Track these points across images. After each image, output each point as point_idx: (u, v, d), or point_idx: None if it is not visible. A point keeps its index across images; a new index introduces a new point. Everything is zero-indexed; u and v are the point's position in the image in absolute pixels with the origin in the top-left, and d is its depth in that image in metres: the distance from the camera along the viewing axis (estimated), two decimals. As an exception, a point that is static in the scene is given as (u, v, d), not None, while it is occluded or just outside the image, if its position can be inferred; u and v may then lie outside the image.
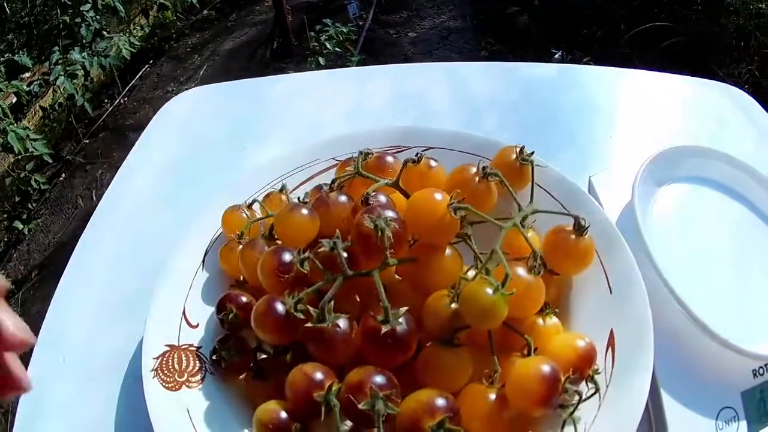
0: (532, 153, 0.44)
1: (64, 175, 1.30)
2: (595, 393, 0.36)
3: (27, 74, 1.30)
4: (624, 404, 0.35)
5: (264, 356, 0.40)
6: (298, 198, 0.43)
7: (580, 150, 0.54)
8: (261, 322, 0.37)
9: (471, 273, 0.38)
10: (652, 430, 0.40)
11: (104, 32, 1.39)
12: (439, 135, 0.47)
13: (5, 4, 1.36)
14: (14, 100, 1.23)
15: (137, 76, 1.69)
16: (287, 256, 0.38)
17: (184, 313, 0.43)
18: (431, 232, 0.38)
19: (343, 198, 0.41)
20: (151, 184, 0.59)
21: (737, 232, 0.47)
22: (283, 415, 0.35)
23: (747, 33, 1.23)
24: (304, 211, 0.41)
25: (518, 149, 0.44)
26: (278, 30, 2.00)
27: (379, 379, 0.34)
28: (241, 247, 0.42)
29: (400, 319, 0.35)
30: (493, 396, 0.35)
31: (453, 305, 0.36)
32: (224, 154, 0.59)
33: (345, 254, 0.37)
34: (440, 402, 0.33)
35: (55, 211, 1.22)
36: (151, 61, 1.89)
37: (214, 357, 0.40)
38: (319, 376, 0.35)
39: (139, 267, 0.52)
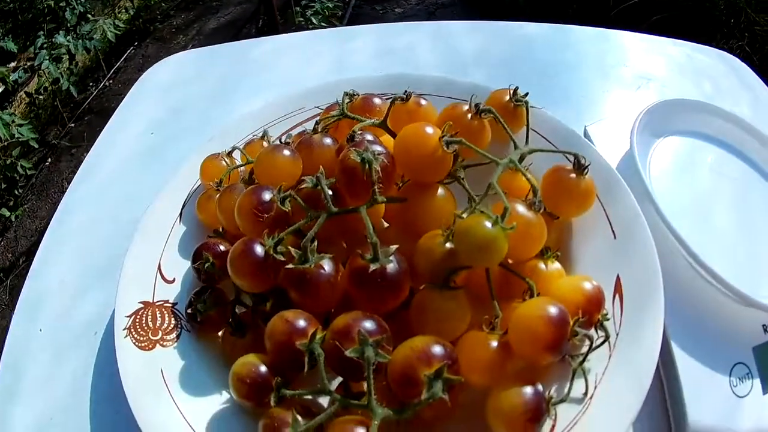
0: (527, 94, 0.40)
1: (50, 159, 1.24)
2: (605, 341, 0.31)
3: (12, 63, 1.25)
4: (636, 354, 0.31)
5: (243, 310, 0.35)
6: (280, 140, 0.39)
7: (574, 104, 0.50)
8: (237, 266, 0.32)
9: (464, 215, 0.34)
10: (663, 387, 0.35)
11: (89, 15, 1.33)
12: (427, 81, 0.42)
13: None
14: (1, 88, 1.18)
15: (122, 58, 1.62)
16: (267, 195, 0.33)
17: (159, 268, 0.38)
18: (422, 168, 0.33)
19: (327, 140, 0.37)
20: (132, 147, 0.54)
21: (737, 187, 0.43)
22: (263, 368, 0.30)
23: (738, 9, 1.20)
24: (286, 152, 0.36)
25: (512, 90, 0.40)
26: (263, 7, 1.90)
27: (368, 324, 0.29)
28: (219, 194, 0.38)
29: (390, 258, 0.30)
30: (494, 343, 0.30)
31: (447, 245, 0.31)
32: (208, 114, 0.54)
33: (330, 192, 0.32)
34: (437, 349, 0.28)
35: (42, 196, 1.16)
36: (135, 43, 1.81)
37: (189, 310, 0.35)
38: (301, 323, 0.30)
39: (118, 230, 0.47)
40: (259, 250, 0.32)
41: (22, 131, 1.07)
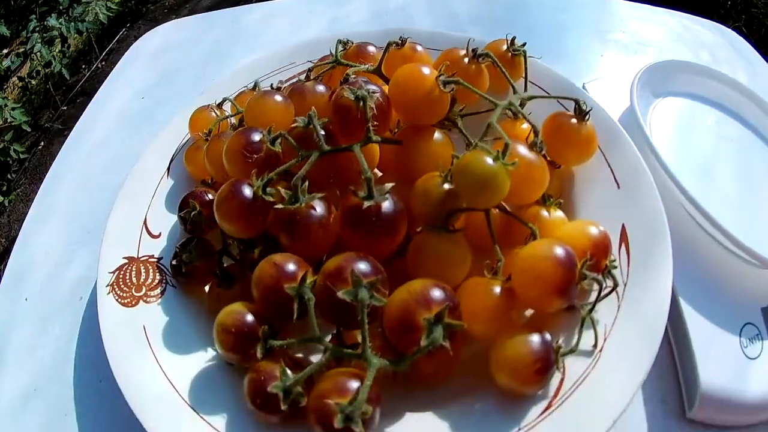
0: (524, 44, 0.37)
1: (42, 143, 1.19)
2: (614, 289, 0.28)
3: (5, 50, 1.21)
4: (646, 305, 0.28)
5: (230, 263, 0.32)
6: (271, 86, 0.36)
7: (571, 64, 0.47)
8: (224, 208, 0.29)
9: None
10: (672, 349, 0.32)
11: (81, -2, 1.31)
12: (422, 34, 0.40)
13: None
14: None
15: (114, 40, 1.55)
16: (256, 136, 0.30)
17: (145, 222, 0.35)
18: (418, 108, 0.31)
19: (320, 87, 0.34)
20: (122, 112, 0.50)
21: (738, 149, 0.40)
22: (249, 317, 0.27)
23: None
24: (278, 98, 0.33)
25: (509, 40, 0.37)
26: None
27: (362, 265, 0.26)
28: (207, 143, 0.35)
29: (386, 195, 0.28)
30: (498, 289, 0.27)
31: (446, 186, 0.29)
32: (199, 79, 0.51)
33: (322, 132, 0.30)
34: (437, 292, 0.25)
35: (35, 180, 1.12)
36: (128, 25, 1.73)
37: (173, 262, 0.32)
38: (290, 266, 0.27)
39: (106, 194, 0.43)
40: (247, 191, 0.29)
41: (15, 115, 1.04)
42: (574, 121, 0.33)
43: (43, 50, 1.16)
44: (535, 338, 0.26)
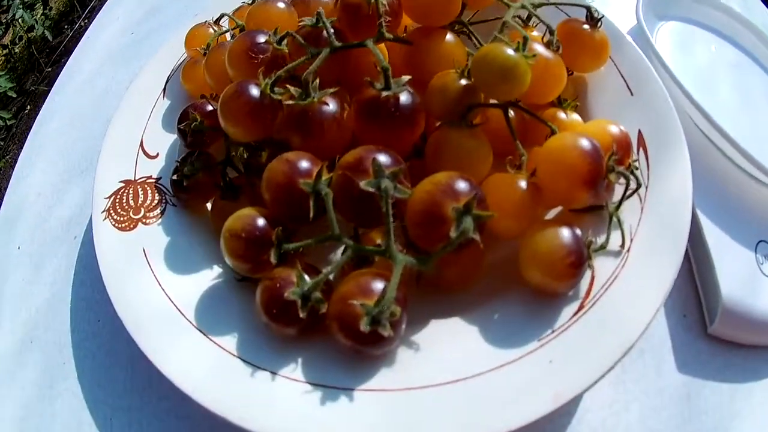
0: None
1: (29, 107, 1.09)
2: (637, 189, 0.25)
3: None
4: (668, 208, 0.25)
5: (234, 176, 0.28)
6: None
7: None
8: (229, 109, 0.25)
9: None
10: (690, 260, 0.29)
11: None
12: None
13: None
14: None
15: None
16: (261, 37, 0.26)
17: (141, 144, 0.31)
18: (429, 8, 0.27)
19: (324, -5, 0.30)
20: (110, 48, 0.45)
21: (738, 73, 0.37)
22: (260, 221, 0.23)
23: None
24: (281, 4, 0.28)
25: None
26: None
27: (382, 156, 0.22)
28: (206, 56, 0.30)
29: (404, 86, 0.24)
30: (523, 183, 0.23)
31: (463, 81, 0.25)
32: (189, 9, 0.45)
33: (332, 29, 0.25)
34: (463, 183, 0.21)
35: (23, 144, 1.04)
36: None
37: (174, 177, 0.28)
38: (304, 163, 0.23)
39: (96, 128, 0.38)
40: (254, 90, 0.24)
41: (0, 83, 0.95)
42: (586, 27, 0.29)
43: (25, 15, 1.07)
44: (566, 231, 0.23)
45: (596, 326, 0.22)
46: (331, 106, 0.24)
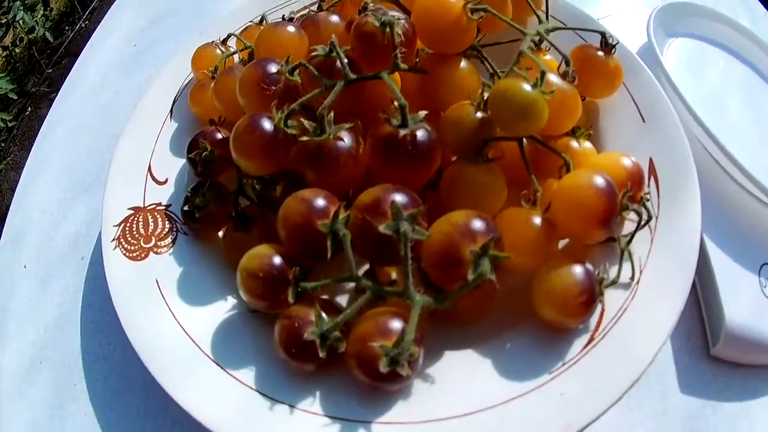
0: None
1: (30, 109, 1.06)
2: (648, 221, 0.25)
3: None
4: (678, 238, 0.25)
5: (246, 204, 0.28)
6: (283, 18, 0.30)
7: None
8: (243, 143, 0.24)
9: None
10: (695, 282, 0.29)
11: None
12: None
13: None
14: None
15: None
16: (273, 67, 0.25)
17: (150, 169, 0.30)
18: (445, 37, 0.26)
19: (334, 17, 0.29)
20: (113, 59, 0.44)
21: (746, 91, 0.36)
22: (277, 259, 0.23)
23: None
24: (291, 28, 0.27)
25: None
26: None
27: (399, 196, 0.22)
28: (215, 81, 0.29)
29: (421, 123, 0.23)
30: (538, 220, 0.23)
31: (479, 114, 0.25)
32: (192, 21, 0.44)
33: (345, 59, 0.25)
34: (480, 224, 0.21)
35: (24, 146, 1.00)
36: None
37: (185, 207, 0.27)
38: (320, 202, 0.22)
39: (100, 143, 0.37)
40: (267, 124, 0.24)
41: (1, 84, 0.92)
42: (600, 53, 0.29)
43: (25, 17, 1.03)
44: (579, 269, 0.23)
45: (605, 358, 0.23)
46: (347, 141, 0.23)
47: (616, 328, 0.24)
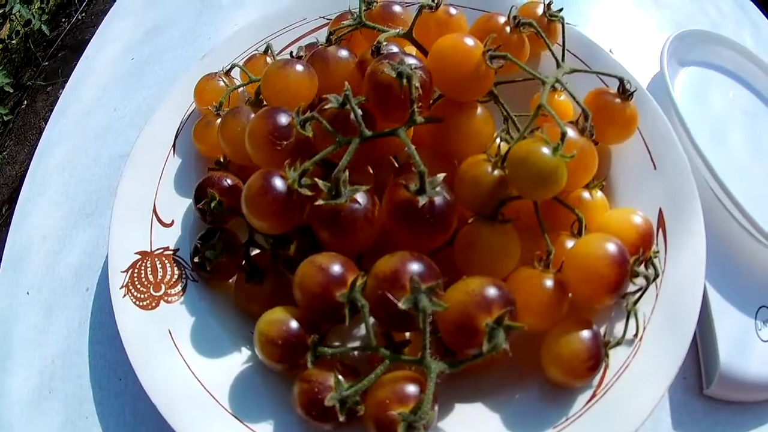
0: (561, 9, 0.31)
1: (25, 102, 1.01)
2: (655, 279, 0.25)
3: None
4: (682, 293, 0.25)
5: (258, 251, 0.27)
6: (291, 55, 0.28)
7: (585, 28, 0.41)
8: (256, 204, 0.23)
9: (511, 136, 0.26)
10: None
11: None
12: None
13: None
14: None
15: None
16: (283, 118, 0.23)
17: (155, 210, 0.28)
18: (462, 85, 0.25)
19: (344, 52, 0.27)
20: (110, 73, 0.41)
21: (756, 123, 0.35)
22: (294, 325, 0.22)
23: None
24: (299, 67, 0.25)
25: (545, 3, 0.31)
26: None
27: (417, 266, 0.21)
28: (220, 119, 0.28)
29: (438, 188, 0.22)
30: (550, 282, 0.23)
31: (496, 172, 0.24)
32: (192, 32, 0.41)
33: (360, 112, 0.24)
34: (496, 292, 0.21)
35: (20, 140, 0.95)
36: None
37: (196, 259, 0.26)
38: (337, 269, 0.21)
39: (99, 167, 0.36)
40: (280, 184, 0.22)
41: None
42: (618, 100, 0.27)
43: (22, 10, 0.96)
44: (588, 334, 0.23)
45: (606, 414, 0.23)
46: (362, 203, 0.22)
47: (617, 384, 0.24)
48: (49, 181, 0.36)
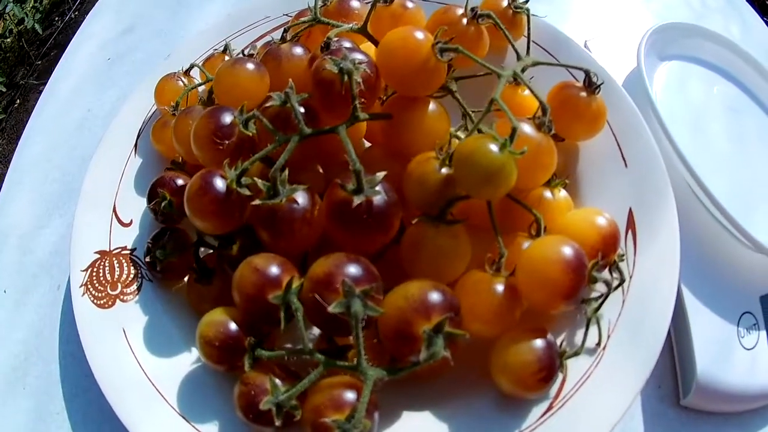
0: (527, 1, 0.29)
1: (18, 101, 1.03)
2: (620, 285, 0.23)
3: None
4: (651, 300, 0.23)
5: (209, 252, 0.26)
6: (243, 53, 0.28)
7: (563, 17, 0.39)
8: (196, 205, 0.22)
9: (461, 135, 0.25)
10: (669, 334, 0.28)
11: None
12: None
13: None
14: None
15: None
16: (226, 117, 0.23)
17: (114, 209, 0.28)
18: (411, 79, 0.23)
19: (298, 49, 0.26)
20: (86, 72, 0.41)
21: (740, 120, 0.33)
22: (232, 327, 0.22)
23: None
24: (250, 66, 0.25)
25: (510, -6, 0.29)
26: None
27: (353, 269, 0.20)
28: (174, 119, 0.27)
29: (377, 188, 0.21)
30: (500, 287, 0.22)
31: (444, 170, 0.22)
32: (165, 32, 0.41)
33: (302, 109, 0.23)
34: (436, 298, 0.20)
35: (13, 138, 0.97)
36: None
37: (147, 259, 0.26)
38: (273, 270, 0.21)
39: (72, 165, 0.36)
40: (219, 184, 0.22)
41: None
42: (583, 94, 0.26)
43: (15, 9, 0.98)
44: (540, 343, 0.21)
45: (563, 427, 0.22)
46: (301, 203, 0.21)
47: (577, 395, 0.22)
48: (24, 180, 0.36)
